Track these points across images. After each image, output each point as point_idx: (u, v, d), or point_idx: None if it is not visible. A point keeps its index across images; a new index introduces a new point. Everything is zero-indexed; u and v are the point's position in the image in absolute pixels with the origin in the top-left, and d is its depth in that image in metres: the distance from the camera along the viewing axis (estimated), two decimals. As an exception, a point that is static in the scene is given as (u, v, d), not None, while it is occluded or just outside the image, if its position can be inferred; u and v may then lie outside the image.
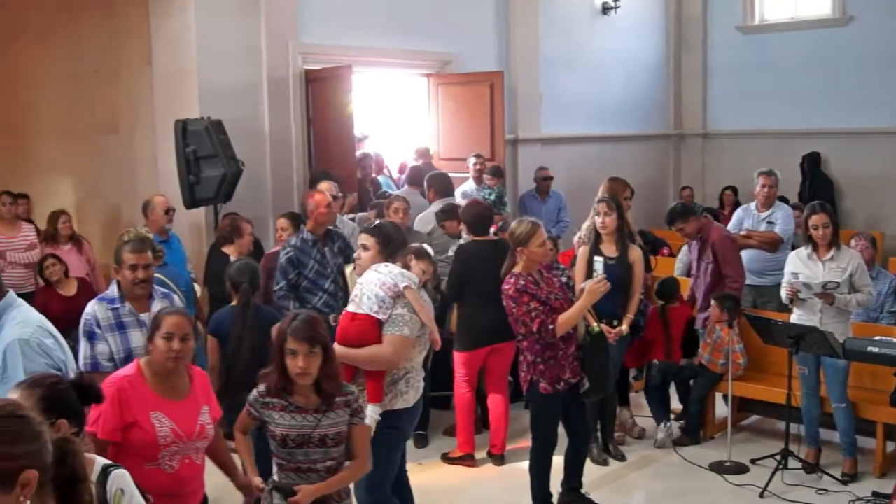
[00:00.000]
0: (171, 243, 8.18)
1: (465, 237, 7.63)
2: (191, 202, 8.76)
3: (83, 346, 4.95)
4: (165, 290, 5.33)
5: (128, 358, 4.84)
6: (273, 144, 9.78)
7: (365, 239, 5.51)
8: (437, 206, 8.66)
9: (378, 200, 9.08)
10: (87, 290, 8.53)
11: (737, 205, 11.49)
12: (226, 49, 9.44)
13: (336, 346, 5.51)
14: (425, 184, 9.35)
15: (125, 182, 10.63)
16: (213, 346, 6.04)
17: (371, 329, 5.06)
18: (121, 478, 3.24)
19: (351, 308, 5.24)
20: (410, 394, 5.22)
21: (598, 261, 7.02)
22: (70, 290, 8.37)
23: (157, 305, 5.05)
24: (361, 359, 5.04)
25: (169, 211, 8.40)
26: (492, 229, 7.61)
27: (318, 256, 7.00)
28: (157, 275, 6.41)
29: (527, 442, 6.39)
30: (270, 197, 9.73)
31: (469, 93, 11.25)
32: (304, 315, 4.25)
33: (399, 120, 12.93)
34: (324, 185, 8.00)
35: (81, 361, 4.90)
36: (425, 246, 5.78)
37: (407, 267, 5.46)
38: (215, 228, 8.68)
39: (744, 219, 8.80)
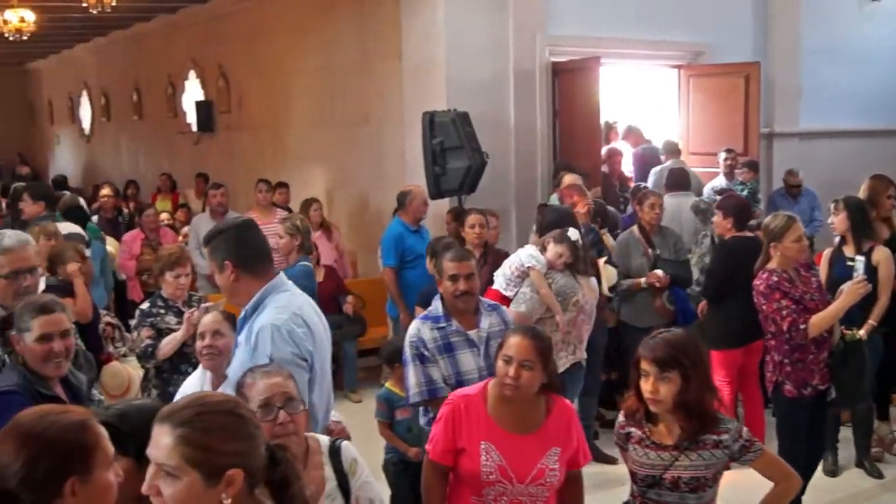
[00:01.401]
0: (422, 233, 8.32)
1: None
2: (436, 193, 8.84)
3: (412, 371, 4.60)
4: (493, 303, 4.99)
5: (459, 384, 4.52)
6: (518, 137, 9.73)
7: None
8: (669, 199, 8.50)
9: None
10: (335, 278, 8.81)
11: None
12: (474, 42, 9.48)
13: None
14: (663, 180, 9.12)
15: (373, 172, 10.91)
16: None
17: (497, 302, 5.29)
18: (353, 450, 3.33)
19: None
20: None
21: (860, 260, 6.54)
22: (318, 276, 8.62)
23: (485, 321, 4.69)
24: None
25: (426, 202, 8.52)
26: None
27: None
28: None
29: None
30: (514, 189, 9.69)
31: (722, 85, 10.82)
32: (667, 333, 3.64)
33: (647, 113, 12.58)
34: (568, 178, 7.94)
35: (414, 389, 4.59)
36: (571, 231, 6.02)
37: (544, 248, 5.86)
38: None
39: None
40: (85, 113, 22.32)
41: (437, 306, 4.71)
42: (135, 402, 3.25)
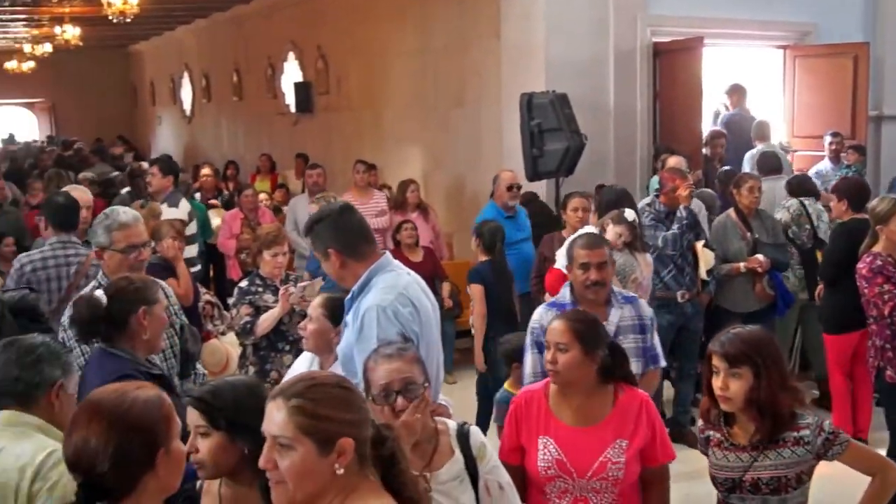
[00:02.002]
0: (517, 218, 8.22)
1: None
2: (533, 175, 8.77)
3: (530, 359, 4.43)
4: (630, 295, 4.76)
5: None
6: (617, 118, 9.63)
7: None
8: (763, 183, 8.23)
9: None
10: (432, 258, 8.80)
11: None
12: (573, 23, 9.39)
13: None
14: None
15: (470, 154, 10.89)
16: (480, 293, 6.86)
17: (557, 281, 5.49)
18: (481, 434, 3.32)
19: None
20: None
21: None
22: (417, 256, 8.64)
23: (615, 313, 4.44)
24: None
25: (512, 188, 8.40)
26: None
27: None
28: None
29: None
30: (613, 172, 9.56)
31: (829, 66, 10.51)
32: (739, 329, 3.50)
33: (750, 95, 12.28)
34: (672, 161, 7.85)
35: (529, 379, 4.39)
36: (627, 211, 6.23)
37: (603, 229, 5.99)
38: (556, 202, 8.65)
39: None
40: (186, 94, 22.77)
41: (565, 293, 4.51)
42: (228, 378, 3.34)
